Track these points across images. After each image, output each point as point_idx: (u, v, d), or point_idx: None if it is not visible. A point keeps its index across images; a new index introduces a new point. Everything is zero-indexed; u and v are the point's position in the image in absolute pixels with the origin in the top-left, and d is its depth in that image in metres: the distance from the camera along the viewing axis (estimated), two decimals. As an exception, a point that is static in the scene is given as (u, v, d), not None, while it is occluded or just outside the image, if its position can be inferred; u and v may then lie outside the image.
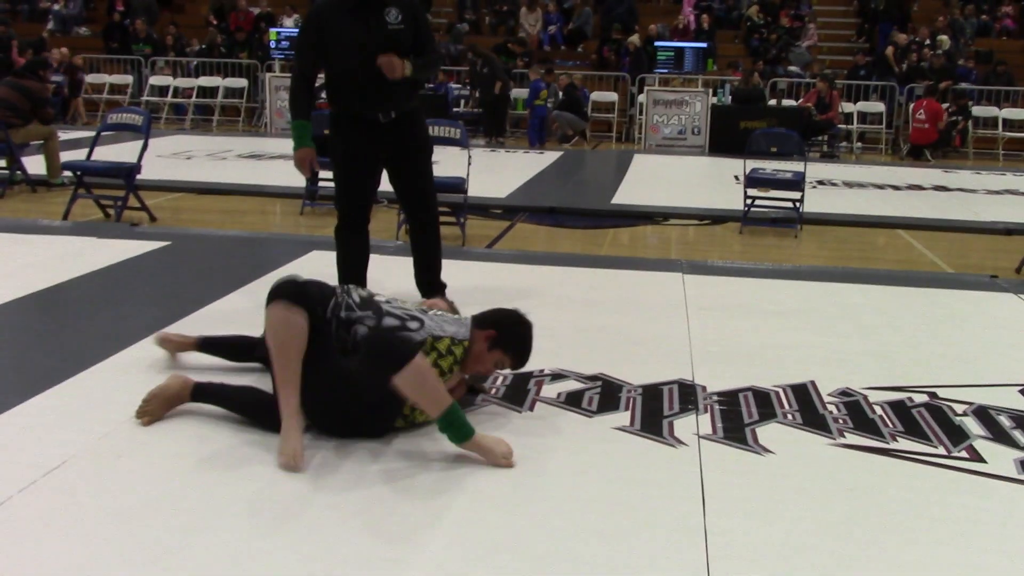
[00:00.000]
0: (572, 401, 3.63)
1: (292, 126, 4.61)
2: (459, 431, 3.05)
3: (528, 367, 3.90)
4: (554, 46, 18.38)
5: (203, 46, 17.40)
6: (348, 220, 4.69)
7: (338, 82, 4.51)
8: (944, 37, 16.66)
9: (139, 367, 3.83)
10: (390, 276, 5.24)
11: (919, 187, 10.90)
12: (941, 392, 3.86)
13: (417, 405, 3.12)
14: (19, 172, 8.89)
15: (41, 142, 9.07)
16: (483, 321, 3.45)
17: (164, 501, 2.74)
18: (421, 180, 4.70)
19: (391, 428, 3.26)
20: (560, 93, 14.91)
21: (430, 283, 4.79)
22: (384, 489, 2.87)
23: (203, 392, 3.39)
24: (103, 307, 4.76)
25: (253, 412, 3.29)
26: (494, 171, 10.51)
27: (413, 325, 3.33)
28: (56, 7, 19.51)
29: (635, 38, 16.80)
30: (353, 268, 4.69)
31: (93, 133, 8.34)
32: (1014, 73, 15.83)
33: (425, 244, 4.80)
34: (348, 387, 3.19)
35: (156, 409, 3.31)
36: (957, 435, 3.43)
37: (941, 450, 3.30)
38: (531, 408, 3.56)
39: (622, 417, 3.50)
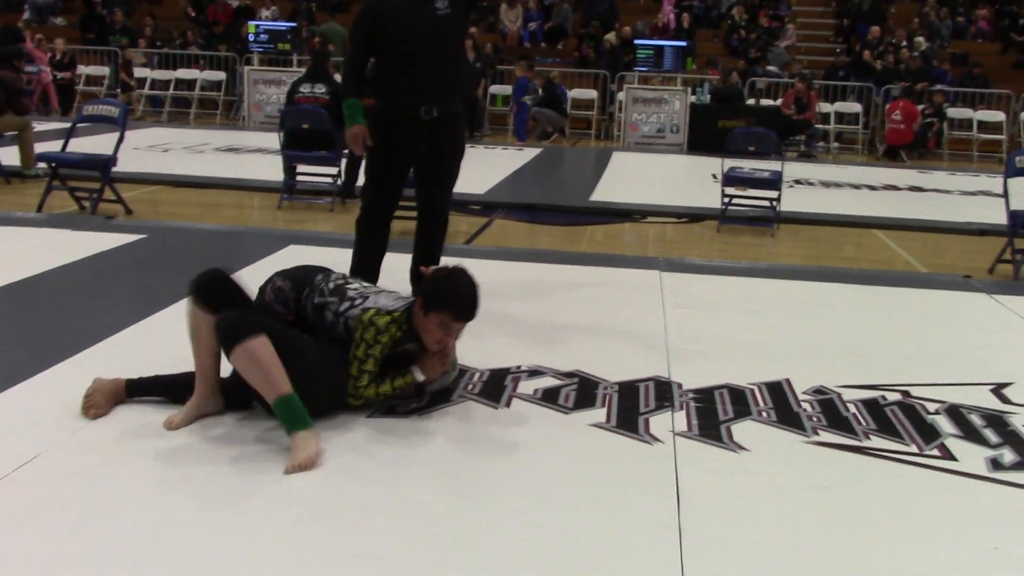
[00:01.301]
0: (549, 398, 3.64)
1: (344, 105, 4.63)
2: (290, 420, 3.01)
3: (505, 363, 3.92)
4: (534, 43, 18.38)
5: (179, 41, 17.28)
6: (371, 213, 4.71)
7: (387, 71, 4.54)
8: (920, 39, 16.78)
9: (113, 361, 3.79)
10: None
11: (895, 187, 10.99)
12: (914, 391, 3.90)
13: (253, 386, 3.08)
14: (-8, 163, 8.80)
15: (15, 133, 8.98)
16: (415, 291, 3.40)
17: (137, 496, 2.72)
18: (446, 182, 4.74)
19: (340, 406, 3.30)
20: (540, 90, 14.92)
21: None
22: (353, 483, 2.86)
23: (137, 387, 3.39)
24: (77, 300, 4.72)
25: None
26: (473, 167, 10.48)
27: (357, 302, 3.37)
28: (32, -4, 19.32)
29: (611, 36, 16.82)
30: (368, 261, 4.71)
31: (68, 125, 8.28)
32: (989, 75, 15.97)
33: (429, 240, 4.82)
34: (304, 366, 3.18)
35: (101, 401, 3.28)
36: (929, 433, 3.47)
37: (913, 448, 3.33)
38: (508, 404, 3.56)
39: (598, 414, 3.51)
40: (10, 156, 8.96)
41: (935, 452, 3.31)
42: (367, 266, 4.66)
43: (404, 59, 4.47)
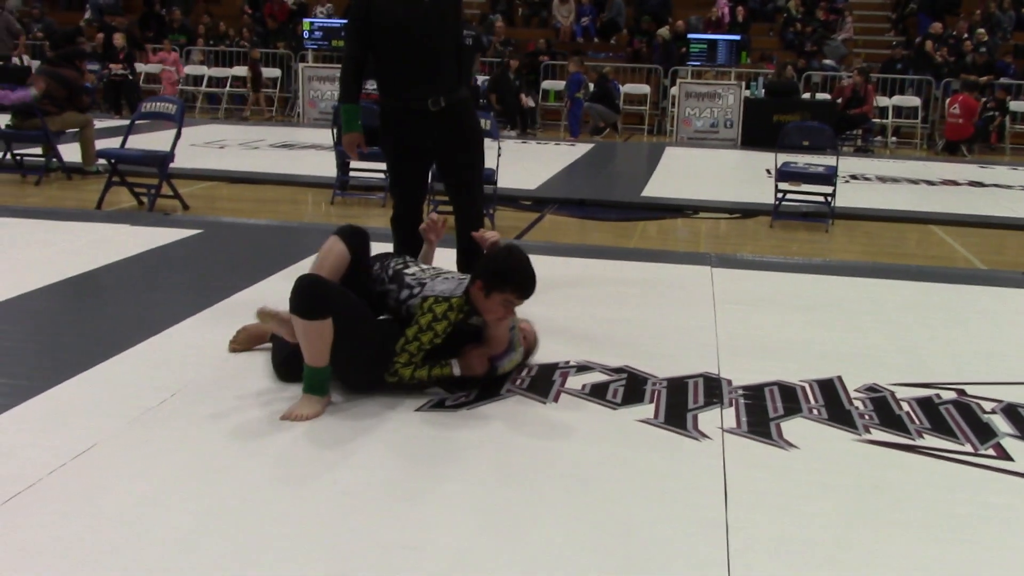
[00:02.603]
0: (597, 393, 3.64)
1: (341, 110, 4.63)
2: (312, 384, 3.31)
3: (553, 358, 3.92)
4: (587, 38, 18.33)
5: (235, 39, 17.53)
6: (401, 210, 4.70)
7: (385, 66, 4.48)
8: (983, 31, 16.44)
9: (169, 353, 3.88)
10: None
11: (954, 182, 10.78)
12: (969, 389, 3.83)
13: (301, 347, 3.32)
14: (55, 160, 9.00)
15: (77, 130, 9.18)
16: (473, 274, 3.48)
17: (191, 486, 2.77)
18: (468, 172, 4.66)
19: (380, 383, 3.44)
20: (592, 85, 14.88)
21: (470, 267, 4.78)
22: (400, 475, 2.89)
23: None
24: (135, 294, 4.82)
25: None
26: (525, 162, 10.51)
27: (416, 290, 3.51)
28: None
29: (664, 31, 16.70)
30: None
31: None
32: (1054, 67, 15.61)
33: (468, 239, 4.75)
34: (354, 347, 3.37)
35: (244, 341, 3.84)
36: (985, 433, 3.40)
37: (968, 447, 3.27)
38: (556, 399, 3.57)
39: (646, 409, 3.50)
40: (71, 153, 9.16)
41: (991, 452, 3.24)
42: None
43: (400, 52, 4.38)
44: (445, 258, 4.85)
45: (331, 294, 3.33)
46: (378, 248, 3.96)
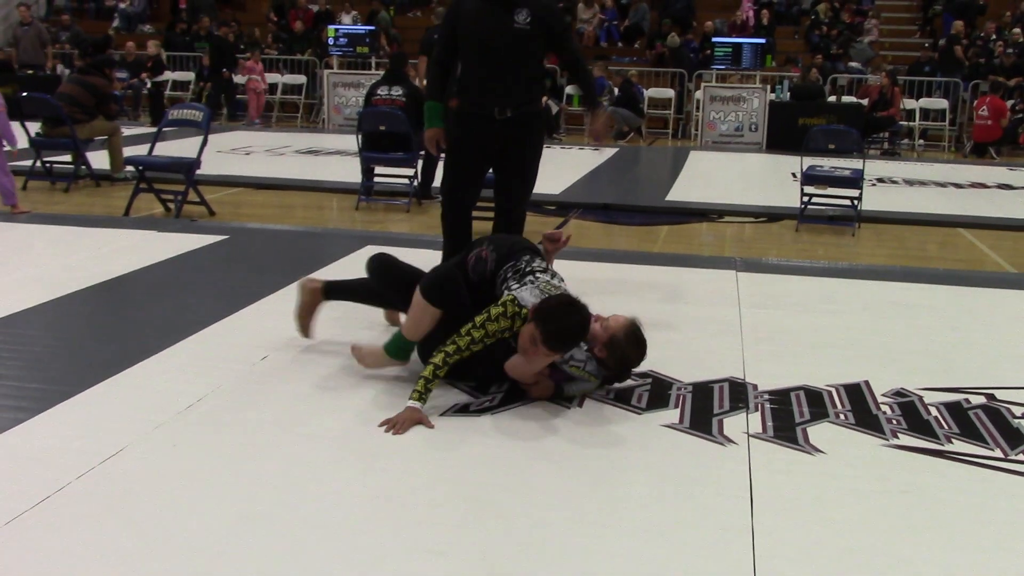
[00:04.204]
0: (622, 398, 3.62)
1: (426, 106, 4.85)
2: (395, 345, 3.67)
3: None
4: (611, 42, 18.31)
5: (263, 46, 17.65)
6: (451, 207, 4.85)
7: (464, 76, 4.71)
8: (1018, 30, 16.25)
9: (196, 358, 3.90)
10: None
11: (983, 185, 10.68)
12: (999, 394, 3.78)
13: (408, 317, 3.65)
14: (83, 167, 9.09)
15: (105, 137, 9.27)
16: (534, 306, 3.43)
17: (218, 491, 2.79)
18: (523, 181, 4.82)
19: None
20: (616, 90, 14.86)
21: None
22: (422, 478, 2.89)
23: (333, 290, 4.06)
24: (162, 299, 4.85)
25: (381, 295, 4.01)
26: (549, 167, 10.48)
27: (514, 286, 3.58)
28: (122, 5, 19.91)
29: (673, 38, 16.52)
30: (454, 253, 4.77)
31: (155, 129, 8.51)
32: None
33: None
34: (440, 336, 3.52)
35: (305, 322, 4.07)
36: (1015, 438, 3.36)
37: (998, 452, 3.24)
38: (580, 404, 3.56)
39: (671, 414, 3.48)
40: (100, 160, 9.25)
41: (1021, 457, 3.21)
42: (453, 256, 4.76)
43: (478, 63, 4.62)
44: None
45: (456, 295, 3.59)
46: (401, 256, 3.99)
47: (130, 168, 8.32)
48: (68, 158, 9.17)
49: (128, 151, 9.07)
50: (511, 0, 4.55)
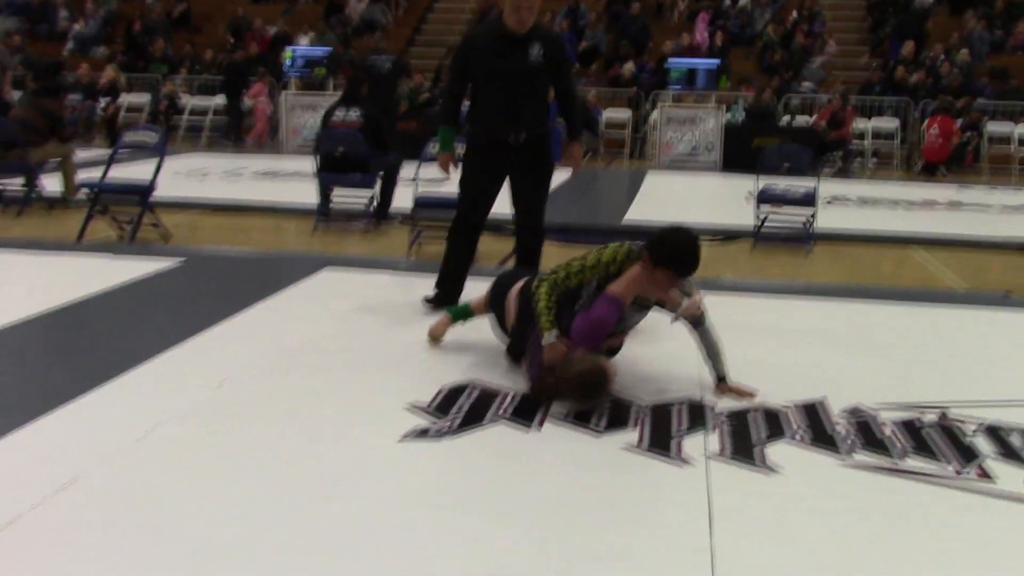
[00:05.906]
0: (581, 419, 3.63)
1: (439, 131, 5.18)
2: (457, 311, 4.43)
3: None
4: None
5: (215, 67, 17.56)
6: (460, 224, 5.15)
7: (479, 106, 5.02)
8: (965, 51, 16.58)
9: (152, 385, 3.86)
10: (402, 293, 5.27)
11: (934, 203, 10.87)
12: (952, 411, 3.84)
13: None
14: (37, 190, 8.97)
15: (58, 160, 9.16)
16: (643, 247, 4.01)
17: (176, 518, 2.75)
18: (534, 195, 5.17)
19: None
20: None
21: None
22: (384, 506, 2.88)
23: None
24: (117, 325, 4.79)
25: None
26: (505, 188, 10.52)
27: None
28: (76, 27, 19.70)
29: (630, 67, 16.70)
30: (455, 268, 5.10)
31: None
32: (1030, 89, 15.76)
33: (528, 253, 5.27)
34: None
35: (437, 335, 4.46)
36: (967, 454, 3.42)
37: (951, 469, 3.28)
38: (540, 425, 3.57)
39: (631, 435, 3.50)
40: (54, 184, 9.13)
41: (973, 473, 3.26)
42: (453, 273, 5.10)
43: (492, 97, 4.94)
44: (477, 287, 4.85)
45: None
46: (360, 278, 3.98)
47: (85, 190, 8.22)
48: (21, 181, 9.05)
49: (82, 174, 8.97)
50: (525, 37, 4.81)
